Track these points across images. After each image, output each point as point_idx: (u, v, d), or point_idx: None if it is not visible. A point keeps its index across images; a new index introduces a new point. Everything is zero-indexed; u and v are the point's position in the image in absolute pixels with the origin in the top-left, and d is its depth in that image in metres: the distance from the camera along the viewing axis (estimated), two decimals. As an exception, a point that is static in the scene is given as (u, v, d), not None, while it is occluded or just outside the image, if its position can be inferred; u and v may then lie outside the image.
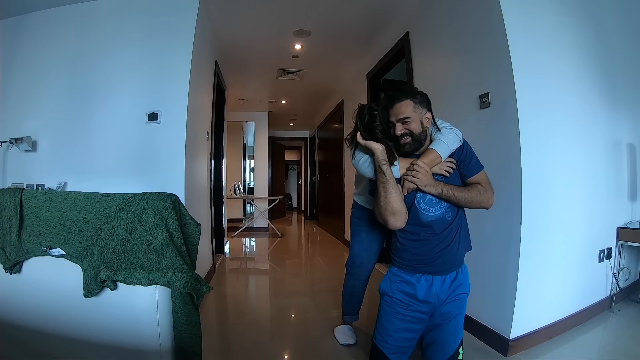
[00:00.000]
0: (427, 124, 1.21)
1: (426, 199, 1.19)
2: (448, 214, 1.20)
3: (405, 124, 1.17)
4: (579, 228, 1.83)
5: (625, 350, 1.62)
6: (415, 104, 1.18)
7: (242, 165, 7.01)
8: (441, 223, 1.19)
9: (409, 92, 1.20)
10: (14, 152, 2.07)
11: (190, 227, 1.04)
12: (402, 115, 1.17)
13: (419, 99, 1.19)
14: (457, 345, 1.19)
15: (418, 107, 1.19)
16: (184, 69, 2.15)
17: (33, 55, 2.17)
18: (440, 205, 1.19)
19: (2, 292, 1.03)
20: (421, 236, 1.20)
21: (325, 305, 2.31)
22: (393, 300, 1.24)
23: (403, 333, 1.21)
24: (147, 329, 0.93)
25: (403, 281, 1.23)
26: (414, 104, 1.18)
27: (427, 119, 1.21)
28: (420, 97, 1.20)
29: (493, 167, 1.71)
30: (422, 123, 1.19)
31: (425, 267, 1.20)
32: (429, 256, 1.19)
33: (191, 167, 2.29)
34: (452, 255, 1.20)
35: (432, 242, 1.19)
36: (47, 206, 0.99)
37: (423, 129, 1.19)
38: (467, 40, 1.89)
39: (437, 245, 1.18)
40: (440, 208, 1.19)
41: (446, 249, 1.18)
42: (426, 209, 1.19)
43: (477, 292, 1.78)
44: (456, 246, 1.20)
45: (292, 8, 2.65)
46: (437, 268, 1.19)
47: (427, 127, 1.21)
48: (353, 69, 3.93)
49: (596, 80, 1.92)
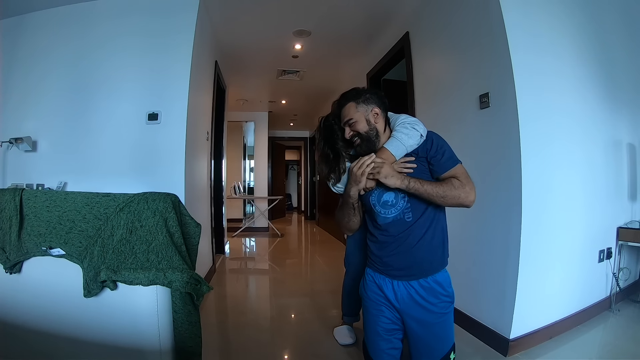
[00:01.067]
0: (376, 119, 1.16)
1: (381, 200, 1.14)
2: (407, 215, 1.12)
3: (351, 126, 1.17)
4: (579, 228, 1.83)
5: (625, 350, 1.62)
6: (358, 104, 1.17)
7: (242, 165, 7.01)
8: (398, 225, 1.12)
9: (352, 95, 1.19)
10: (14, 152, 2.07)
11: (190, 227, 1.04)
12: (346, 118, 1.17)
13: (362, 98, 1.17)
14: (448, 349, 1.13)
15: (362, 106, 1.16)
16: (184, 69, 2.15)
17: (33, 56, 2.17)
18: (398, 206, 1.12)
19: (2, 292, 1.03)
20: (380, 239, 1.17)
21: (325, 305, 2.32)
22: (366, 301, 1.22)
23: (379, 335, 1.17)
24: (147, 329, 0.93)
25: (374, 282, 1.20)
26: (356, 104, 1.16)
27: (375, 114, 1.17)
28: (364, 96, 1.17)
29: (493, 167, 1.71)
30: (368, 120, 1.15)
31: (388, 270, 1.15)
32: (388, 259, 1.14)
33: (191, 167, 2.29)
34: (417, 260, 1.11)
35: (390, 246, 1.14)
36: (47, 206, 0.99)
37: (371, 127, 1.16)
38: (467, 40, 1.89)
39: (395, 248, 1.13)
40: (397, 209, 1.13)
41: (408, 253, 1.11)
42: (382, 211, 1.14)
43: (477, 292, 1.79)
44: (422, 251, 1.11)
45: (292, 8, 2.65)
46: (399, 272, 1.13)
47: (375, 123, 1.17)
48: (353, 69, 3.93)
49: (596, 80, 1.92)
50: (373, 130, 1.16)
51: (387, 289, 1.15)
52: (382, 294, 1.17)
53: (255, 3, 2.57)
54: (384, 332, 1.16)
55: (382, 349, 1.16)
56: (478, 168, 1.81)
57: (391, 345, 1.16)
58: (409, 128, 1.14)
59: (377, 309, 1.17)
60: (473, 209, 1.90)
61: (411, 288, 1.12)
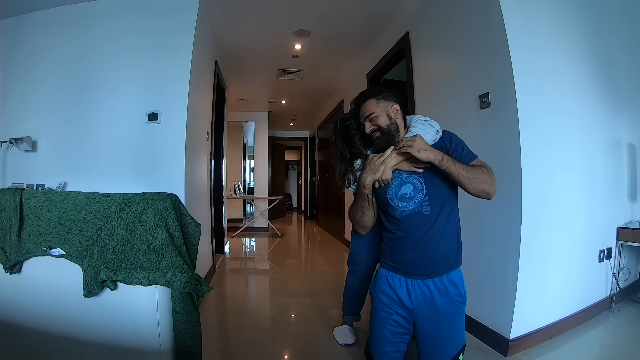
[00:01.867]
0: (396, 115, 1.21)
1: (399, 194, 1.15)
2: (425, 208, 1.12)
3: (372, 121, 1.20)
4: (579, 228, 1.83)
5: (625, 350, 1.62)
6: (379, 100, 1.21)
7: (242, 165, 7.01)
8: (416, 218, 1.12)
9: (372, 92, 1.24)
10: (14, 152, 2.07)
11: (190, 227, 1.04)
12: (367, 112, 1.21)
13: (382, 95, 1.21)
14: (457, 351, 1.13)
15: (382, 102, 1.21)
16: (184, 69, 2.15)
17: (33, 56, 2.17)
18: (416, 199, 1.12)
19: (2, 292, 1.03)
20: (397, 234, 1.17)
21: (325, 305, 2.31)
22: (375, 302, 1.22)
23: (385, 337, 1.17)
24: (147, 329, 0.93)
25: (387, 283, 1.19)
26: (376, 100, 1.21)
27: (396, 111, 1.21)
28: (384, 94, 1.22)
29: (493, 166, 1.70)
30: (389, 115, 1.20)
31: (404, 269, 1.15)
32: (405, 256, 1.14)
33: (191, 167, 2.29)
34: (433, 257, 1.11)
35: (407, 241, 1.14)
36: (47, 206, 0.99)
37: (392, 121, 1.20)
38: (468, 40, 1.89)
39: (412, 244, 1.13)
40: (415, 202, 1.13)
41: (425, 249, 1.11)
42: (400, 204, 1.15)
43: (477, 292, 1.79)
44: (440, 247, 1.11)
45: (292, 8, 2.65)
46: (415, 270, 1.13)
47: (395, 118, 1.21)
48: (353, 69, 3.93)
49: (596, 80, 1.92)
50: (394, 125, 1.20)
51: (401, 290, 1.15)
52: (394, 296, 1.16)
53: (256, 3, 2.57)
54: (391, 335, 1.16)
55: (386, 351, 1.16)
56: (478, 168, 1.81)
57: (396, 348, 1.17)
58: (425, 124, 1.19)
59: (387, 312, 1.17)
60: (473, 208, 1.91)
61: (425, 287, 1.12)
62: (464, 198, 1.18)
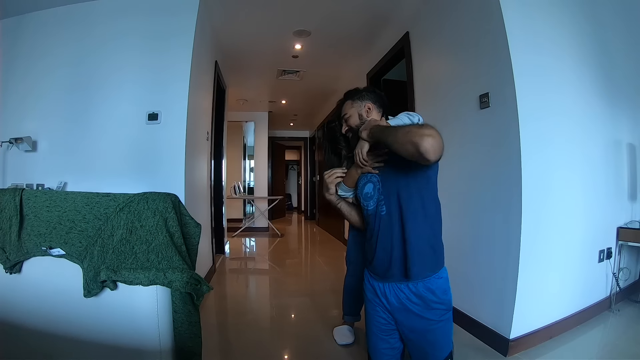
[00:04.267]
0: (368, 114, 1.20)
1: (363, 192, 1.14)
2: (381, 208, 1.07)
3: (346, 122, 1.23)
4: (579, 228, 1.83)
5: (625, 350, 1.62)
6: (354, 101, 1.23)
7: (242, 165, 7.01)
8: (377, 218, 1.08)
9: (350, 93, 1.26)
10: (14, 152, 2.07)
11: (190, 227, 1.04)
12: (342, 113, 1.24)
13: (358, 96, 1.23)
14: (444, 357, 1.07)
15: (357, 102, 1.22)
16: (184, 69, 2.15)
17: (33, 56, 2.17)
18: (374, 198, 1.10)
19: (2, 292, 1.03)
20: (368, 235, 1.16)
21: (325, 305, 2.31)
22: (365, 300, 1.22)
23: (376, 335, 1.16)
24: (147, 329, 0.93)
25: (367, 283, 1.20)
26: (352, 101, 1.23)
27: (368, 109, 1.21)
28: (360, 94, 1.23)
29: (493, 166, 1.71)
30: (360, 115, 1.21)
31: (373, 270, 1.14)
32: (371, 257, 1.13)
33: (191, 167, 2.29)
34: (393, 260, 1.05)
35: (373, 242, 1.11)
36: (47, 206, 0.99)
37: (362, 120, 1.19)
38: (468, 40, 1.89)
39: (376, 246, 1.10)
40: (374, 201, 1.10)
41: (385, 250, 1.07)
42: (364, 203, 1.14)
43: (477, 291, 1.79)
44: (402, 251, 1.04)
45: (292, 8, 2.65)
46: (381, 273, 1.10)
47: (367, 117, 1.20)
48: (353, 69, 3.93)
49: (596, 80, 1.92)
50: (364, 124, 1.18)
51: (380, 291, 1.13)
52: (375, 296, 1.16)
53: (256, 3, 2.57)
54: (380, 332, 1.16)
55: (379, 349, 1.16)
56: (478, 168, 1.81)
57: (388, 345, 1.16)
58: (401, 116, 1.14)
59: (374, 309, 1.17)
60: (473, 208, 1.91)
61: (401, 292, 1.07)
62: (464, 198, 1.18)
